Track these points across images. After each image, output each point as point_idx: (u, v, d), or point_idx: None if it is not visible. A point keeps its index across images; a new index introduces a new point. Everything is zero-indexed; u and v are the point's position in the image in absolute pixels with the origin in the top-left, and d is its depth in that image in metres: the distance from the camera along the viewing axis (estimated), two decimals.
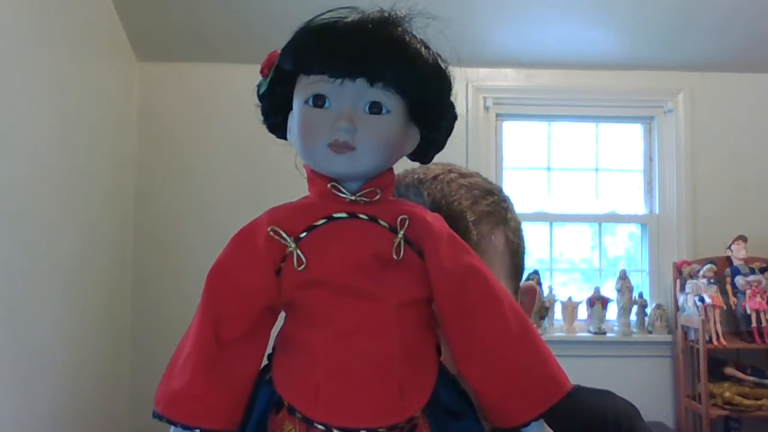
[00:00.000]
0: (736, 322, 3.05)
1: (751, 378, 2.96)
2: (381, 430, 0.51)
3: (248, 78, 0.59)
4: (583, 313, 3.24)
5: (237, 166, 3.17)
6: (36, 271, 2.35)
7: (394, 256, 0.54)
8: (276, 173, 3.00)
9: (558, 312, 3.22)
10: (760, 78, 3.29)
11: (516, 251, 0.81)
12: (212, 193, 3.16)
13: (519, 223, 0.83)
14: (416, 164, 0.81)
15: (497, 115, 3.32)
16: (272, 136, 0.60)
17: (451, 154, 0.67)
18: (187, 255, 3.10)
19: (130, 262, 3.15)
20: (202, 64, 3.20)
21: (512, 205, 0.83)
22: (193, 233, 3.13)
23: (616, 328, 3.20)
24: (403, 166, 0.61)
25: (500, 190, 0.82)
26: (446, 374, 0.56)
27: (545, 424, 0.56)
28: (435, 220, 0.56)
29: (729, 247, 3.10)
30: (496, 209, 0.79)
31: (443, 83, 0.56)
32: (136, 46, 3.12)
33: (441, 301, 0.55)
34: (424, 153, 0.60)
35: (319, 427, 0.51)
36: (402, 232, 0.54)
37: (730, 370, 2.98)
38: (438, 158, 0.84)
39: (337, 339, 0.52)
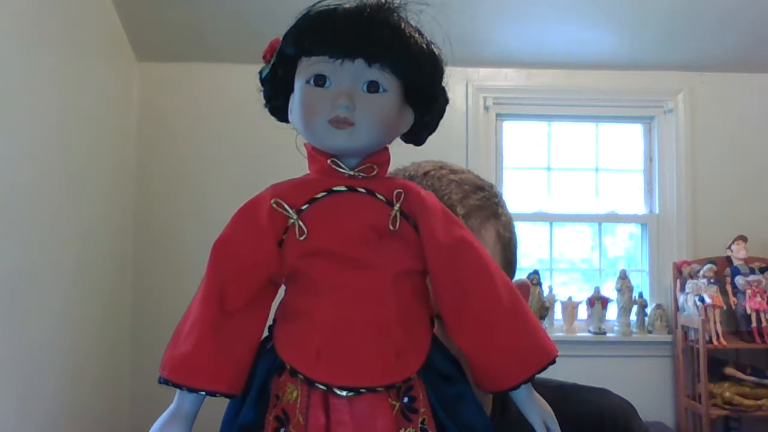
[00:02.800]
0: (736, 322, 3.05)
1: (751, 378, 2.96)
2: (379, 389, 0.54)
3: (248, 78, 0.60)
4: (583, 313, 3.24)
5: (237, 166, 3.17)
6: (36, 271, 2.35)
7: (391, 227, 0.57)
8: (276, 172, 2.99)
9: (558, 312, 3.22)
10: (760, 78, 3.29)
11: (507, 245, 0.82)
12: (212, 193, 3.16)
13: (510, 219, 0.84)
14: (408, 162, 0.83)
15: (497, 115, 3.32)
16: (271, 137, 0.62)
17: (451, 154, 0.68)
18: (187, 255, 3.10)
19: (130, 262, 3.16)
20: (202, 64, 3.20)
21: (504, 201, 0.84)
22: (193, 233, 3.13)
23: (616, 328, 3.20)
24: (397, 150, 0.62)
25: (491, 186, 0.84)
26: (439, 343, 0.58)
27: (534, 391, 0.59)
28: (429, 195, 0.59)
29: (729, 247, 3.10)
30: (487, 204, 0.80)
31: (436, 67, 0.59)
32: (136, 46, 3.12)
33: (434, 271, 0.58)
34: (417, 135, 0.62)
35: (321, 386, 0.54)
36: (398, 205, 0.57)
37: (730, 370, 2.98)
38: (437, 158, 0.84)
39: (337, 306, 0.55)
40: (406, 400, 0.55)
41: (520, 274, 0.86)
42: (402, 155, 0.73)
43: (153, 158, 3.21)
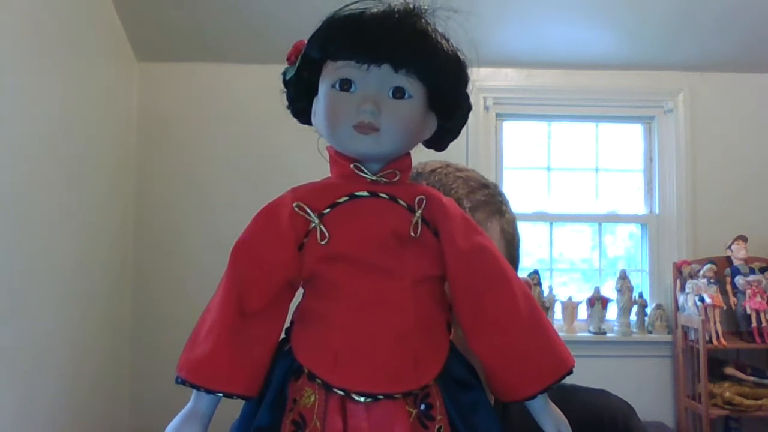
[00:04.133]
0: (736, 322, 3.05)
1: (751, 378, 2.96)
2: (397, 395, 0.54)
3: (249, 78, 0.60)
4: (583, 313, 3.24)
5: (237, 166, 3.17)
6: (36, 270, 2.35)
7: (412, 234, 0.57)
8: (276, 172, 3.00)
9: (558, 312, 3.21)
10: (760, 78, 3.29)
11: (511, 241, 0.83)
12: (212, 192, 3.16)
13: (514, 217, 0.85)
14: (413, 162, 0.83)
15: (497, 115, 3.32)
16: (272, 136, 0.62)
17: (451, 154, 0.68)
18: (187, 254, 3.10)
19: (130, 262, 3.15)
20: (202, 64, 3.20)
21: (507, 200, 0.85)
22: (193, 233, 3.13)
23: (616, 328, 3.20)
24: (419, 154, 0.63)
25: (495, 186, 0.85)
26: (456, 350, 0.58)
27: (549, 400, 0.59)
28: (450, 202, 0.59)
29: (729, 247, 3.10)
30: (492, 200, 0.81)
31: (461, 74, 0.59)
32: (136, 46, 3.12)
33: (454, 278, 0.58)
34: (439, 141, 0.62)
35: (338, 392, 0.54)
36: (420, 212, 0.57)
37: (730, 370, 2.98)
38: (437, 157, 0.85)
39: (356, 311, 0.55)
40: (423, 407, 0.55)
41: (521, 274, 0.87)
42: None
43: (153, 158, 3.21)
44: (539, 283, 3.10)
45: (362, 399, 0.53)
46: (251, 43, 2.98)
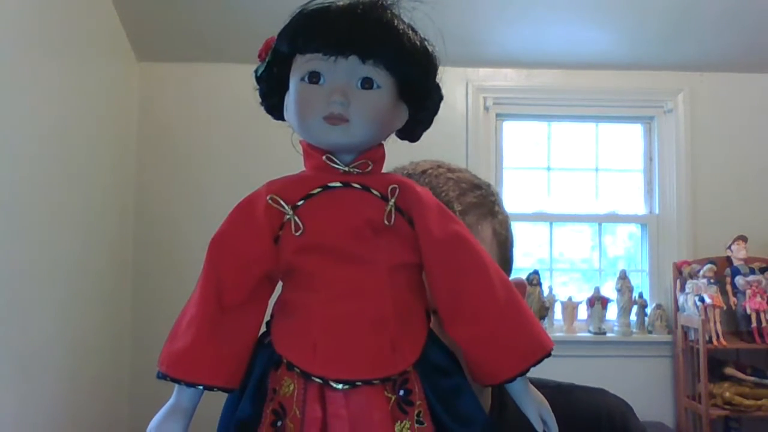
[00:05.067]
0: (736, 322, 3.05)
1: (751, 378, 2.96)
2: (375, 381, 0.54)
3: (248, 78, 0.60)
4: (583, 313, 3.24)
5: (237, 166, 3.17)
6: (36, 271, 2.35)
7: (386, 222, 0.57)
8: (276, 171, 2.99)
9: (558, 312, 3.22)
10: (760, 78, 3.29)
11: (504, 243, 0.82)
12: (212, 193, 3.16)
13: (507, 217, 0.85)
14: (407, 161, 0.83)
15: (497, 115, 3.32)
16: (271, 136, 0.62)
17: (451, 154, 0.68)
18: (187, 255, 3.09)
19: (130, 262, 3.15)
20: (202, 64, 3.20)
21: (501, 200, 0.85)
22: (193, 233, 3.13)
23: (616, 328, 3.20)
24: (392, 146, 0.63)
25: (488, 186, 0.84)
26: (435, 336, 0.59)
27: (530, 384, 0.60)
28: (424, 191, 0.60)
29: (729, 247, 3.10)
30: (484, 201, 0.81)
31: (429, 64, 0.59)
32: (136, 46, 3.12)
33: (430, 266, 0.58)
34: (412, 131, 0.62)
35: (317, 380, 0.54)
36: (393, 200, 0.58)
37: (730, 370, 2.98)
38: (437, 157, 0.85)
39: (333, 301, 0.56)
40: (401, 393, 0.55)
41: (520, 274, 0.87)
42: (402, 154, 0.73)
43: (153, 158, 3.21)
44: (539, 283, 3.10)
45: (340, 386, 0.54)
46: (251, 43, 2.96)
